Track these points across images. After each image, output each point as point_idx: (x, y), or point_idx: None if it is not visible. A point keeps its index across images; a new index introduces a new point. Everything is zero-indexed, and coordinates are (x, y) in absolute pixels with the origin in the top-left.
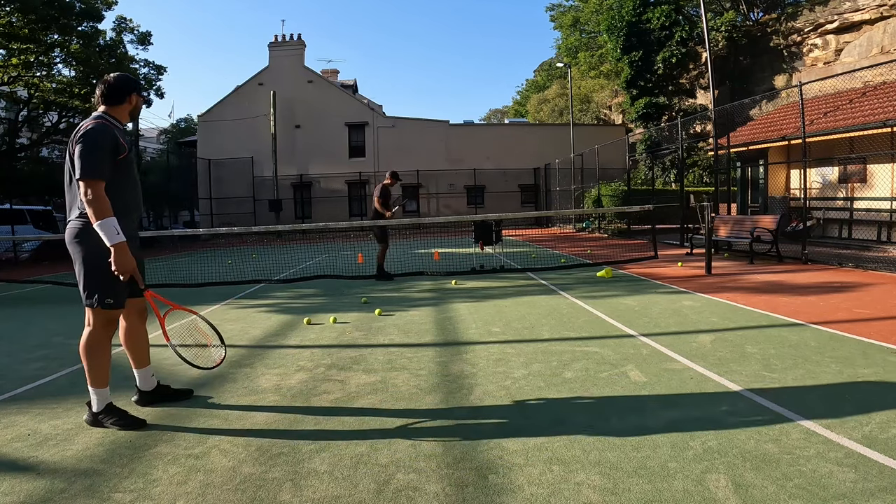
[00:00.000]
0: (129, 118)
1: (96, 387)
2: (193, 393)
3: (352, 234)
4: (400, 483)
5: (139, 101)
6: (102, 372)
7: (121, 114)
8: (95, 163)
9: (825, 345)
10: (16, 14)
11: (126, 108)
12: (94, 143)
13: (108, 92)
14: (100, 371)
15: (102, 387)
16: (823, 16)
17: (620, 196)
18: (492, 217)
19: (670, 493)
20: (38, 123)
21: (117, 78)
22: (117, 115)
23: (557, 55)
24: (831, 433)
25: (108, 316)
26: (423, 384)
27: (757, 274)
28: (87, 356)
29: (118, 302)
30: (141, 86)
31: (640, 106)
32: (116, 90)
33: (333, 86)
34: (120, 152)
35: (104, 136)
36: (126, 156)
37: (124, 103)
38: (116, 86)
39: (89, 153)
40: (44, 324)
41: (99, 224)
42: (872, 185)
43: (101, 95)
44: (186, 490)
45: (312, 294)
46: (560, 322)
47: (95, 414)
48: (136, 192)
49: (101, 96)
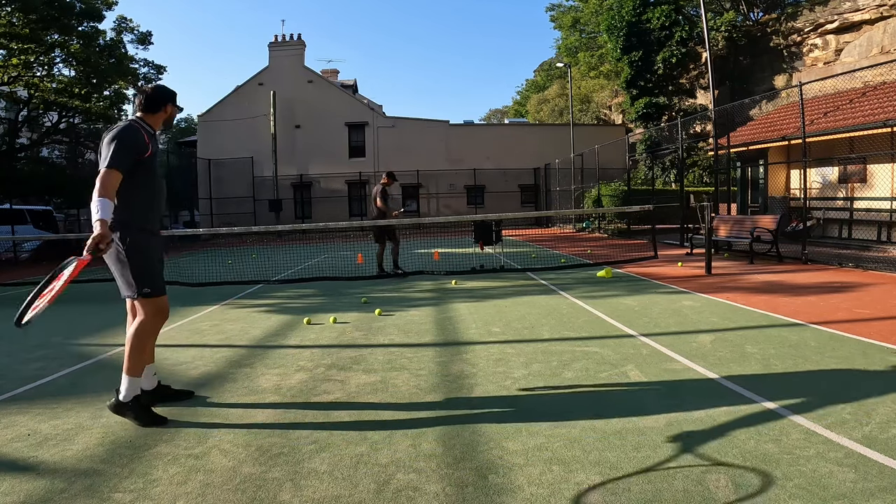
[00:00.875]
0: (162, 126)
1: (132, 375)
2: (194, 394)
3: (352, 234)
4: (400, 483)
5: (173, 111)
6: (141, 361)
7: (155, 121)
8: (117, 154)
9: (825, 345)
10: (16, 14)
11: (161, 117)
12: (119, 139)
13: (147, 101)
14: (140, 359)
15: (137, 375)
16: (823, 16)
17: (620, 196)
18: (492, 217)
19: (670, 493)
20: (38, 123)
21: (155, 89)
22: (151, 122)
23: (557, 55)
24: (831, 433)
25: (157, 304)
26: (423, 384)
27: (757, 274)
28: (134, 344)
29: (156, 289)
30: (175, 96)
31: (640, 106)
32: (153, 100)
33: (333, 86)
34: (144, 152)
35: (131, 135)
36: (148, 155)
37: (159, 112)
38: (153, 96)
39: (114, 147)
40: (44, 324)
41: (97, 199)
42: (872, 184)
43: (139, 104)
44: (186, 490)
45: (312, 294)
46: (560, 322)
47: (122, 403)
48: (158, 190)
49: (139, 105)
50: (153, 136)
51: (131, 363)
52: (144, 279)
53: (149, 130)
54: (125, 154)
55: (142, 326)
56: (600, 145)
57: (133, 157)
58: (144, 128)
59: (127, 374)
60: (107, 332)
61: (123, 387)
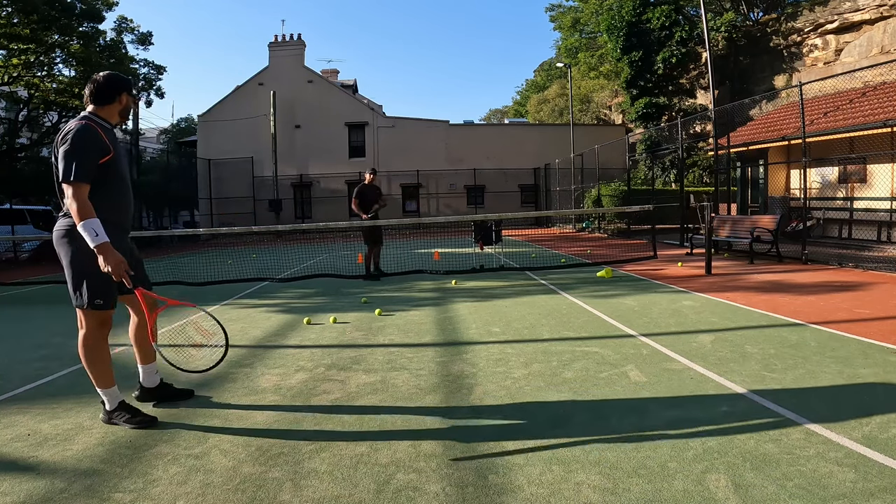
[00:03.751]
0: (119, 118)
1: (102, 387)
2: (194, 394)
3: (352, 234)
4: (400, 483)
5: (129, 101)
6: (105, 372)
7: (110, 114)
8: (78, 166)
9: (825, 345)
10: (17, 14)
11: (115, 108)
12: (77, 145)
13: (97, 91)
14: (102, 372)
15: (109, 386)
16: (823, 16)
17: (620, 196)
18: (492, 217)
19: (670, 493)
20: (38, 123)
21: (106, 77)
22: (105, 115)
23: (557, 55)
24: (831, 433)
25: (101, 317)
26: (423, 384)
27: (757, 274)
28: (86, 359)
29: (108, 303)
30: (131, 85)
31: (640, 106)
32: (105, 89)
33: (333, 86)
34: (105, 153)
35: (88, 138)
36: (112, 157)
37: (114, 103)
38: (105, 85)
39: (72, 156)
40: (44, 324)
41: (81, 226)
42: (872, 184)
43: (89, 95)
44: (186, 490)
45: (312, 294)
46: (560, 322)
47: (109, 412)
48: (125, 191)
49: (89, 96)
50: (111, 133)
51: (95, 377)
52: (97, 291)
53: (105, 126)
54: (86, 161)
55: (87, 340)
56: (600, 145)
57: (95, 162)
58: (101, 124)
59: (99, 388)
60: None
61: (105, 399)
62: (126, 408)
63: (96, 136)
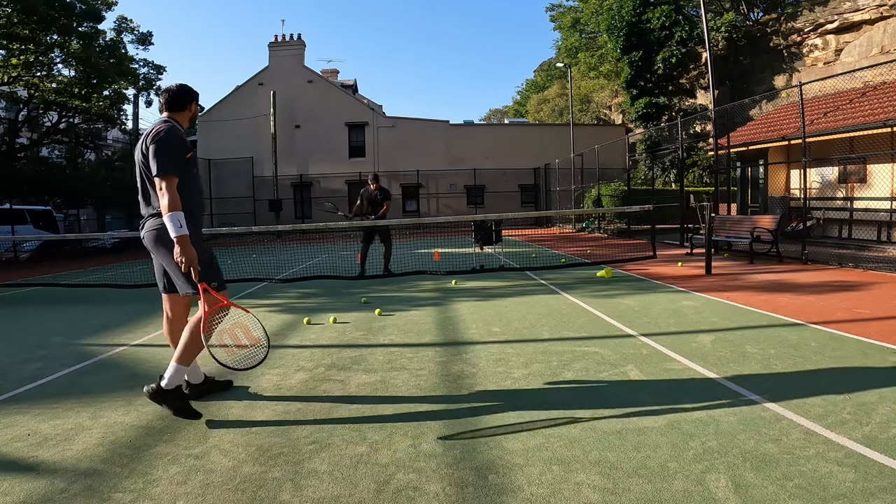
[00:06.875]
0: (189, 124)
1: (181, 363)
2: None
3: (352, 234)
4: (400, 483)
5: (196, 109)
6: (194, 353)
7: (183, 119)
8: (171, 161)
9: (825, 345)
10: (17, 14)
11: (187, 115)
12: (168, 142)
13: (172, 100)
14: (193, 352)
15: (187, 365)
16: (823, 16)
17: (620, 196)
18: (492, 217)
19: (670, 493)
20: (38, 123)
21: (180, 87)
22: (180, 121)
23: (557, 55)
24: (831, 433)
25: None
26: (423, 384)
27: (757, 274)
28: (190, 335)
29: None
30: (198, 95)
31: (640, 106)
32: (179, 98)
33: (333, 86)
34: (188, 151)
35: (176, 136)
36: (192, 155)
37: (185, 110)
38: (179, 94)
39: (164, 152)
40: (44, 324)
41: (168, 216)
42: (872, 184)
43: (165, 102)
44: (186, 490)
45: (312, 294)
46: (560, 322)
47: (164, 390)
48: (200, 190)
49: (165, 103)
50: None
51: (186, 352)
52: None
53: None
54: (177, 156)
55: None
56: (600, 145)
57: (183, 158)
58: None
59: (176, 363)
60: (107, 332)
61: (168, 373)
62: (181, 394)
63: (182, 135)
